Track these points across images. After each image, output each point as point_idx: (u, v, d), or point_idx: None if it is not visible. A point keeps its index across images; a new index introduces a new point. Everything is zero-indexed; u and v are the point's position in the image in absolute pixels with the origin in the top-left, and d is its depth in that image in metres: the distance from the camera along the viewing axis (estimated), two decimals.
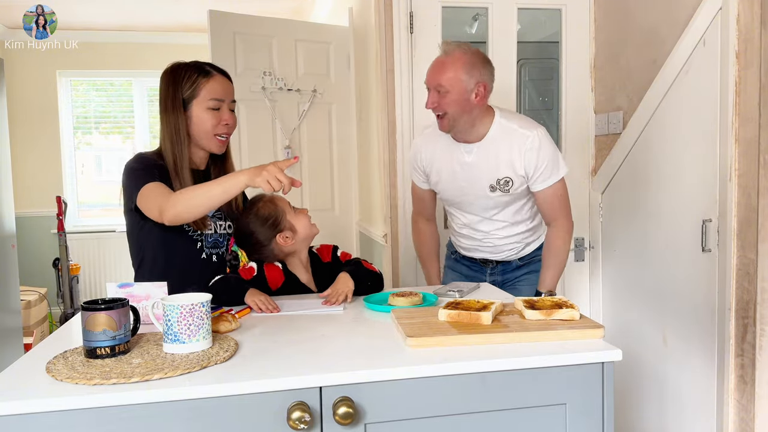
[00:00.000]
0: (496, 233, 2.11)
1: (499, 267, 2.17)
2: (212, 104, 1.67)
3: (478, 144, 1.96)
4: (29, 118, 5.19)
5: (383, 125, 2.72)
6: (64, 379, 1.02)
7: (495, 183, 1.98)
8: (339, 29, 3.52)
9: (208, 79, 1.68)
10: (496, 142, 1.95)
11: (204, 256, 1.71)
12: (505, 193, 1.99)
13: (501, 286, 2.08)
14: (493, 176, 1.97)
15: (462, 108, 1.88)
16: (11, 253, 3.55)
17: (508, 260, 2.16)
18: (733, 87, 2.00)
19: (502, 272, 2.18)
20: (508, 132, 1.94)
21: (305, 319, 1.42)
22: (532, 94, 3.33)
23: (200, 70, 1.69)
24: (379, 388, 1.06)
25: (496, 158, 1.95)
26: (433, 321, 1.30)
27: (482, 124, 1.95)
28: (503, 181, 1.97)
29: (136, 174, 1.62)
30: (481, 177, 1.98)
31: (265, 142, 3.32)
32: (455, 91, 1.86)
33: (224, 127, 1.70)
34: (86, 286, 5.27)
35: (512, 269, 2.17)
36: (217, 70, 1.72)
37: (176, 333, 1.14)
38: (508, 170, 1.95)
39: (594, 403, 1.14)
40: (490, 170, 1.97)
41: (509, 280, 2.17)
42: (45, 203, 5.06)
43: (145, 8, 4.68)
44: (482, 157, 1.97)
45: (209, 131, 1.68)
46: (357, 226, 3.55)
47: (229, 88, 1.73)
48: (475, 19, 2.96)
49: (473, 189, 2.02)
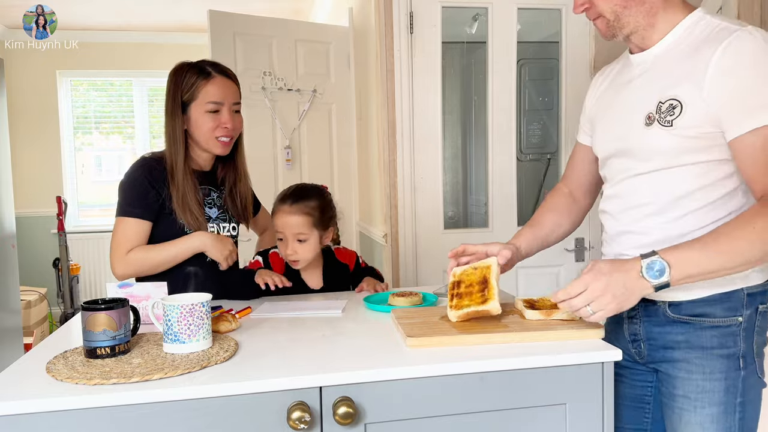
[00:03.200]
0: (641, 227, 1.27)
1: (641, 307, 1.29)
2: (210, 107, 1.65)
3: (657, 47, 1.26)
4: (29, 118, 5.19)
5: (383, 125, 2.72)
6: (64, 379, 1.02)
7: (655, 109, 1.22)
8: (339, 29, 3.52)
9: (207, 82, 1.66)
10: (684, 43, 1.22)
11: (209, 259, 1.69)
12: (667, 130, 1.19)
13: (647, 359, 1.31)
14: (655, 97, 1.23)
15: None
16: (11, 253, 3.55)
17: (652, 297, 1.23)
18: None
19: (647, 322, 1.30)
20: (705, 29, 1.20)
21: (305, 320, 1.42)
22: (532, 94, 3.33)
23: (200, 72, 1.66)
24: (379, 388, 1.06)
25: (675, 68, 1.21)
26: (433, 321, 1.29)
27: (667, 20, 1.24)
28: (667, 105, 1.20)
29: (128, 197, 1.64)
30: (643, 98, 1.26)
31: (265, 142, 3.32)
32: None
33: (223, 130, 1.67)
34: (86, 286, 5.27)
35: (659, 324, 1.27)
36: (219, 71, 1.69)
37: (176, 333, 1.14)
38: (683, 87, 1.18)
39: (594, 403, 1.14)
40: (656, 87, 1.24)
41: (657, 345, 1.29)
42: (45, 203, 5.06)
43: (146, 8, 4.68)
44: (659, 66, 1.25)
45: (207, 134, 1.66)
46: (357, 226, 3.55)
47: (229, 90, 1.69)
48: (475, 19, 2.96)
49: (624, 122, 1.30)
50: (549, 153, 3.27)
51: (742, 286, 1.21)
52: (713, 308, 1.22)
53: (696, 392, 1.22)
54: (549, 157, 3.28)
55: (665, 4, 1.24)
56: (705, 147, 1.18)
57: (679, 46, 1.22)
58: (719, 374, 1.21)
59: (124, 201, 1.64)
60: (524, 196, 3.16)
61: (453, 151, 3.43)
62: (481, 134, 3.07)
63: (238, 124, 1.72)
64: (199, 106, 1.65)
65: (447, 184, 3.10)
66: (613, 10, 1.24)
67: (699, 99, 1.16)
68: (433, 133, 2.75)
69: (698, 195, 1.21)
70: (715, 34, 1.17)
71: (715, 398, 1.20)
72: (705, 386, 1.21)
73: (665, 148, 1.21)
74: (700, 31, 1.21)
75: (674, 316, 1.25)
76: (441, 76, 2.75)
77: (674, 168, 1.21)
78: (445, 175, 2.92)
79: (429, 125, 2.74)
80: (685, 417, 1.23)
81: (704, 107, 1.15)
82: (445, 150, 2.90)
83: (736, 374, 1.21)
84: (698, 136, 1.17)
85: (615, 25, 1.26)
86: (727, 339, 1.21)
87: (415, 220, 2.76)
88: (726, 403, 1.20)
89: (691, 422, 1.22)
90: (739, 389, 1.20)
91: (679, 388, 1.24)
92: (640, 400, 1.40)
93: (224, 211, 1.77)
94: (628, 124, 1.28)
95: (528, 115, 3.37)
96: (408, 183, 2.73)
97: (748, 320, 1.22)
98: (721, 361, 1.21)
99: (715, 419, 1.20)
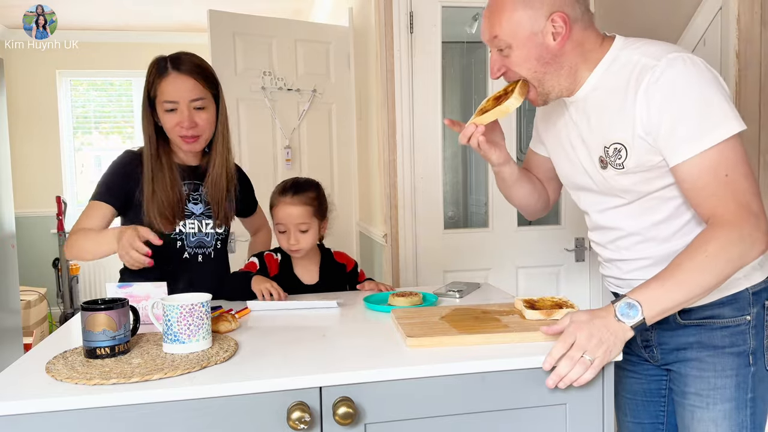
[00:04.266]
0: (622, 247, 1.32)
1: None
2: (167, 106, 1.61)
3: (581, 90, 1.27)
4: (29, 118, 5.19)
5: (383, 125, 2.72)
6: (64, 379, 1.02)
7: (603, 153, 1.25)
8: (339, 29, 3.52)
9: (161, 80, 1.61)
10: (609, 83, 1.23)
11: (186, 256, 1.68)
12: (622, 171, 1.22)
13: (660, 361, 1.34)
14: (600, 141, 1.25)
15: (539, 62, 1.22)
16: (11, 253, 3.55)
17: None
18: (733, 87, 2.00)
19: (658, 328, 1.31)
20: (624, 68, 1.21)
21: (305, 320, 1.42)
22: None
23: (159, 69, 1.62)
24: (379, 388, 1.06)
25: (606, 110, 1.24)
26: (433, 321, 1.29)
27: (588, 68, 1.25)
28: (612, 149, 1.23)
29: (103, 180, 1.70)
30: (588, 141, 1.29)
31: (265, 142, 3.32)
32: (519, 41, 1.21)
33: (181, 129, 1.61)
34: (86, 286, 5.27)
35: (671, 329, 1.30)
36: (175, 67, 1.60)
37: (176, 333, 1.14)
38: (619, 130, 1.21)
39: (594, 403, 1.14)
40: (596, 131, 1.26)
41: (669, 348, 1.31)
42: (45, 203, 5.06)
43: (145, 8, 4.68)
44: (590, 106, 1.27)
45: (171, 132, 1.65)
46: (357, 226, 3.55)
47: (184, 88, 1.59)
48: (475, 19, 2.96)
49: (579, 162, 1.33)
50: None
51: (746, 286, 1.23)
52: (722, 310, 1.24)
53: (708, 389, 1.24)
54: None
55: (584, 58, 1.24)
56: (666, 171, 1.19)
57: (605, 84, 1.23)
58: (730, 371, 1.22)
59: (99, 184, 1.69)
60: None
61: (453, 151, 3.43)
62: None
63: (200, 122, 1.62)
64: (159, 104, 1.64)
65: (447, 184, 3.10)
66: (533, 76, 1.24)
67: (638, 138, 1.18)
68: (433, 133, 2.75)
69: (677, 213, 1.23)
70: (636, 74, 1.18)
71: (727, 394, 1.22)
72: (716, 383, 1.23)
73: (628, 186, 1.24)
74: (618, 69, 1.22)
75: (685, 321, 1.27)
76: (441, 76, 2.75)
77: (645, 197, 1.24)
78: (445, 175, 2.92)
79: (429, 125, 2.74)
80: (697, 414, 1.25)
81: (644, 144, 1.18)
82: (445, 150, 2.90)
83: (746, 371, 1.23)
84: (653, 167, 1.20)
85: (541, 91, 1.27)
86: (737, 337, 1.23)
87: (415, 220, 2.76)
88: (737, 399, 1.22)
89: (704, 419, 1.24)
90: (749, 385, 1.22)
91: (691, 386, 1.26)
92: (655, 394, 1.42)
93: (210, 208, 1.72)
94: (584, 165, 1.32)
95: (528, 115, 3.37)
96: (408, 183, 2.72)
97: (756, 317, 1.24)
98: (732, 359, 1.23)
99: (728, 415, 1.22)
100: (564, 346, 1.08)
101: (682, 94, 1.13)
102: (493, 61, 1.27)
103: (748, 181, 1.12)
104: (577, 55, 1.23)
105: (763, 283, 1.25)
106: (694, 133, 1.12)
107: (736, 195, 1.11)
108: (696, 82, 1.14)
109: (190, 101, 1.61)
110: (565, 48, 1.21)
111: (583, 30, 1.23)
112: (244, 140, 3.22)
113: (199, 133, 1.64)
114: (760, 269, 1.25)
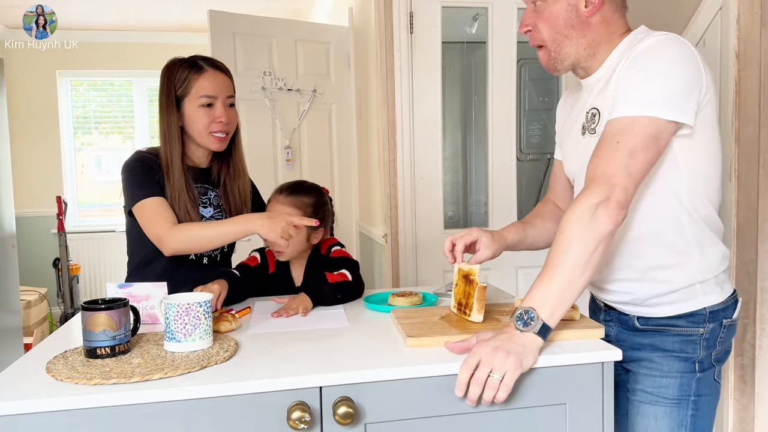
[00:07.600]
0: None
1: (614, 314, 1.37)
2: (203, 101, 1.63)
3: (600, 71, 1.29)
4: (29, 118, 5.19)
5: (383, 125, 2.72)
6: (64, 379, 1.02)
7: (585, 119, 1.30)
8: (339, 29, 3.52)
9: (199, 76, 1.63)
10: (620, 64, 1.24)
11: (192, 257, 1.68)
12: (594, 138, 1.25)
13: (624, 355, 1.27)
14: (586, 109, 1.31)
15: (566, 24, 1.25)
16: (11, 253, 3.55)
17: (623, 310, 1.34)
18: (733, 87, 2.00)
19: (619, 326, 1.36)
20: (629, 47, 1.24)
21: (305, 320, 1.42)
22: (532, 94, 3.34)
23: (192, 66, 1.64)
24: (379, 388, 1.06)
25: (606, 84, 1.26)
26: (433, 321, 1.30)
27: (608, 50, 1.28)
28: (590, 114, 1.28)
29: (136, 180, 1.60)
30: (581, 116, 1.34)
31: (265, 142, 3.32)
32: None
33: (218, 124, 1.64)
34: (86, 286, 5.27)
35: (630, 330, 1.33)
36: (211, 65, 1.66)
37: (173, 331, 1.14)
38: (602, 96, 1.26)
39: (594, 403, 1.14)
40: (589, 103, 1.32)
41: (626, 346, 1.32)
42: (45, 203, 5.06)
43: (145, 8, 4.68)
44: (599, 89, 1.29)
45: (202, 129, 1.64)
46: (357, 226, 3.55)
47: (222, 84, 1.66)
48: (475, 19, 2.96)
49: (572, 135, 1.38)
50: (549, 153, 3.27)
51: (704, 305, 1.26)
52: (678, 321, 1.27)
53: (653, 387, 1.29)
54: (549, 157, 3.29)
55: (609, 37, 1.27)
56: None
57: (617, 66, 1.24)
58: (676, 373, 1.27)
59: (136, 186, 1.60)
60: (524, 196, 3.17)
61: (453, 151, 3.44)
62: (481, 134, 3.07)
63: (233, 118, 1.69)
64: (192, 100, 1.63)
65: (447, 184, 3.10)
66: (554, 38, 1.27)
67: (609, 105, 1.21)
68: (433, 133, 2.75)
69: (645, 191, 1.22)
70: (634, 46, 1.21)
71: (669, 393, 1.27)
72: (662, 382, 1.28)
73: None
74: (626, 47, 1.25)
75: (642, 327, 1.31)
76: (441, 76, 2.75)
77: None
78: (445, 175, 2.92)
79: (429, 125, 2.74)
80: (642, 409, 1.31)
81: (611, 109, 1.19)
82: (445, 150, 2.90)
83: (692, 375, 1.27)
84: None
85: (556, 57, 1.29)
86: (687, 345, 1.27)
87: (415, 220, 2.76)
88: (679, 398, 1.26)
89: (647, 414, 1.30)
90: (693, 388, 1.27)
91: (640, 383, 1.32)
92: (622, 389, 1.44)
93: (221, 211, 1.74)
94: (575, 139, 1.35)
95: (528, 115, 3.38)
96: (408, 183, 2.73)
97: (711, 332, 1.27)
98: (679, 363, 1.27)
99: (668, 412, 1.27)
100: (468, 368, 1.05)
101: (649, 61, 1.16)
102: (526, 16, 1.30)
103: (633, 159, 1.12)
104: (602, 31, 1.26)
105: (722, 305, 1.26)
106: (636, 97, 1.14)
107: (610, 163, 1.12)
108: (674, 58, 1.15)
109: (226, 97, 1.67)
110: (592, 19, 1.25)
111: (613, 12, 1.27)
112: (245, 140, 3.19)
113: (230, 129, 1.70)
114: (720, 290, 1.27)
